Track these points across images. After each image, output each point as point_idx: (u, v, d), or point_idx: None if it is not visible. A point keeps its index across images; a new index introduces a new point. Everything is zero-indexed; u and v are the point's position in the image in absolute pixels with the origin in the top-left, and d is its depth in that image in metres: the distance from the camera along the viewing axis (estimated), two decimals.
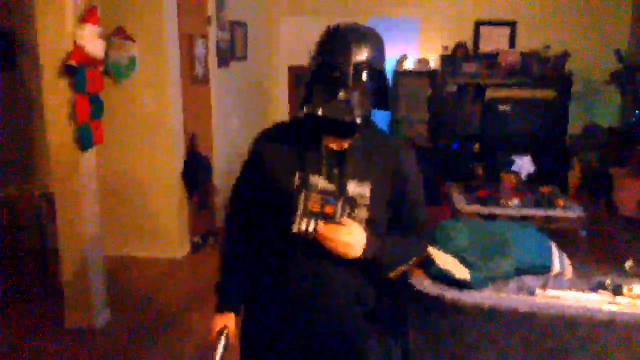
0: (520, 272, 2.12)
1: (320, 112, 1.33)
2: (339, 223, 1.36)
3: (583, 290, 2.00)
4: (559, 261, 2.19)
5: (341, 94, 1.34)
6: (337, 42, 1.38)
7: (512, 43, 6.06)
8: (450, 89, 5.98)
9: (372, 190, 1.40)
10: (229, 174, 5.10)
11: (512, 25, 6.04)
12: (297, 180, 1.39)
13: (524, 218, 3.94)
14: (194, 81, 4.49)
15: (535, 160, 4.34)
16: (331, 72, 1.36)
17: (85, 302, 3.19)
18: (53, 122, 3.02)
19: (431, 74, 6.05)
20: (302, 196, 1.36)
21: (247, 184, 1.55)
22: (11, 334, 3.10)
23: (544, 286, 2.04)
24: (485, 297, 1.95)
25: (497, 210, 4.04)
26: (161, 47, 4.03)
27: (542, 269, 2.15)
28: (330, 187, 1.39)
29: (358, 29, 1.41)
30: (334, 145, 1.42)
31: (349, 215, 1.38)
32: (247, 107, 5.77)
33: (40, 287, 3.51)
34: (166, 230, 4.30)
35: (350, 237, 1.36)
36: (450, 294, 1.97)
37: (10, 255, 3.54)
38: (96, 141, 3.11)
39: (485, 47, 6.06)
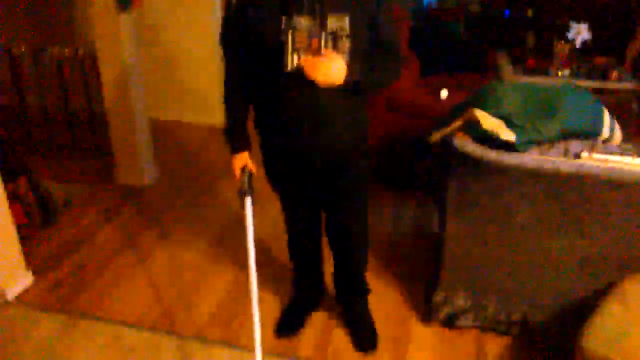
0: (568, 136, 2.07)
1: None
2: (321, 55, 1.52)
3: (631, 156, 1.96)
4: (609, 126, 2.11)
5: None
6: None
7: None
8: None
9: (350, 22, 1.56)
10: None
11: None
12: (283, 23, 1.54)
13: None
14: None
15: (594, 28, 4.03)
16: None
17: (133, 161, 3.35)
18: None
19: None
20: (290, 35, 1.52)
21: (234, 31, 1.67)
22: (66, 186, 3.32)
23: (590, 150, 2.00)
24: (529, 158, 1.93)
25: (546, 81, 3.87)
26: None
27: (591, 134, 2.09)
28: (314, 23, 1.54)
29: None
30: None
31: (334, 48, 1.56)
32: None
33: (90, 146, 3.66)
34: (206, 97, 4.34)
35: (330, 65, 1.52)
36: (493, 154, 1.95)
37: (61, 114, 3.66)
38: (135, 4, 3.04)
39: None
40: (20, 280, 2.45)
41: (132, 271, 2.61)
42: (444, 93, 3.26)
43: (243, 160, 1.82)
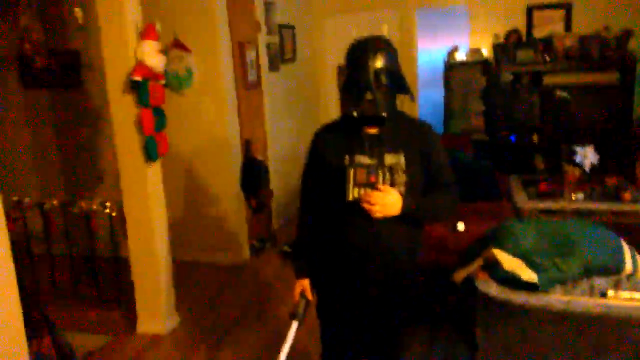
0: (590, 272, 2.06)
1: (354, 114, 1.78)
2: (378, 189, 1.74)
3: None
4: (631, 260, 2.10)
5: (367, 96, 1.77)
6: (358, 54, 1.81)
7: (568, 26, 5.78)
8: (506, 78, 5.79)
9: (405, 158, 1.79)
10: (285, 177, 5.20)
11: (567, 7, 5.78)
12: (347, 160, 1.79)
13: (589, 213, 3.79)
14: (247, 87, 4.59)
15: (599, 150, 4.15)
16: (357, 79, 1.79)
17: (154, 308, 3.35)
18: (120, 136, 3.19)
19: (484, 64, 5.89)
20: (352, 171, 1.77)
21: (311, 170, 1.99)
22: (88, 337, 3.29)
23: (616, 287, 1.97)
24: (555, 300, 1.91)
25: (561, 205, 3.91)
26: (215, 55, 4.16)
27: (614, 269, 2.08)
28: (372, 161, 1.79)
29: (374, 41, 1.84)
30: (371, 131, 1.84)
31: (391, 181, 1.78)
32: (299, 108, 5.84)
33: (113, 295, 3.70)
34: (227, 236, 4.43)
35: (386, 199, 1.75)
36: (518, 297, 1.94)
37: (89, 265, 3.75)
38: (161, 152, 3.24)
39: (539, 32, 5.81)
40: None
41: None
42: (460, 226, 3.30)
43: (304, 286, 2.01)
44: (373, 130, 1.84)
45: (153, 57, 3.09)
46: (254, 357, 3.07)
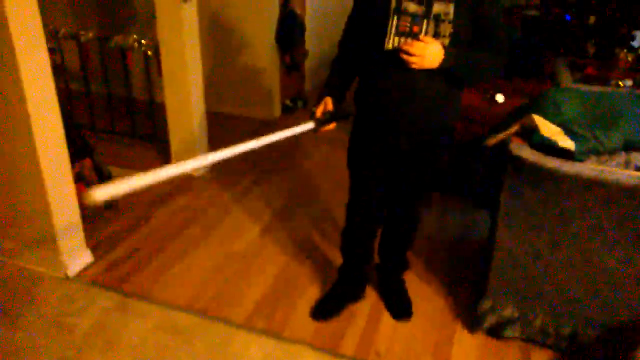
0: (629, 147, 2.02)
1: None
2: (420, 40, 1.65)
3: None
4: None
5: None
6: None
7: None
8: None
9: (455, 9, 1.69)
10: (322, 38, 5.02)
11: None
12: (393, 3, 1.71)
13: None
14: None
15: None
16: None
17: (188, 150, 3.46)
18: None
19: None
20: (395, 18, 1.71)
21: (357, 11, 1.90)
22: (125, 171, 3.46)
23: None
24: (588, 168, 1.89)
25: (607, 90, 3.74)
26: None
27: None
28: (420, 9, 1.70)
29: None
30: None
31: (435, 32, 1.69)
32: None
33: (149, 134, 3.81)
34: (260, 91, 4.42)
35: (426, 50, 1.65)
36: (551, 162, 1.92)
37: (125, 103, 3.82)
38: None
39: None
40: (81, 258, 2.58)
41: (185, 256, 2.71)
42: (500, 98, 3.21)
43: (327, 102, 1.90)
44: None
45: None
46: (280, 199, 3.24)
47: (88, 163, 2.74)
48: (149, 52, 3.33)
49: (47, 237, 2.42)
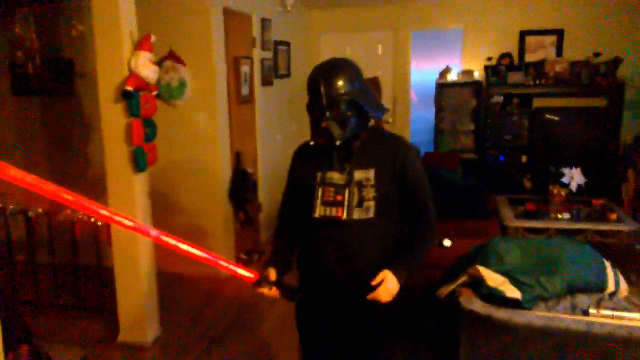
0: (573, 291, 2.07)
1: (312, 143, 1.83)
2: (342, 207, 1.77)
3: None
4: (614, 280, 2.12)
5: (322, 125, 1.76)
6: (312, 82, 1.80)
7: (559, 52, 5.90)
8: (496, 99, 5.88)
9: (376, 173, 1.79)
10: (274, 191, 5.19)
11: (559, 33, 5.90)
12: (318, 178, 1.84)
13: (575, 232, 3.82)
14: (240, 101, 4.62)
15: (586, 172, 4.21)
16: (313, 108, 1.79)
17: (137, 318, 3.31)
18: (110, 145, 3.18)
19: (476, 85, 5.97)
20: (320, 190, 1.83)
21: (290, 186, 2.02)
22: (69, 348, 3.24)
23: (598, 305, 1.98)
24: (537, 317, 1.92)
25: (547, 225, 3.94)
26: (210, 69, 4.17)
27: (596, 287, 2.09)
28: (343, 178, 1.81)
29: (330, 67, 1.82)
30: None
31: (360, 198, 1.78)
32: (291, 124, 5.86)
33: (96, 305, 3.66)
34: (213, 248, 4.39)
35: (388, 287, 1.74)
36: (501, 313, 1.94)
37: (72, 273, 3.71)
38: (150, 163, 3.23)
39: (531, 57, 5.93)
40: None
41: None
42: (447, 242, 3.30)
43: (269, 272, 1.91)
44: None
45: (147, 68, 3.09)
46: None
47: (25, 351, 2.56)
48: (99, 223, 3.33)
49: None
